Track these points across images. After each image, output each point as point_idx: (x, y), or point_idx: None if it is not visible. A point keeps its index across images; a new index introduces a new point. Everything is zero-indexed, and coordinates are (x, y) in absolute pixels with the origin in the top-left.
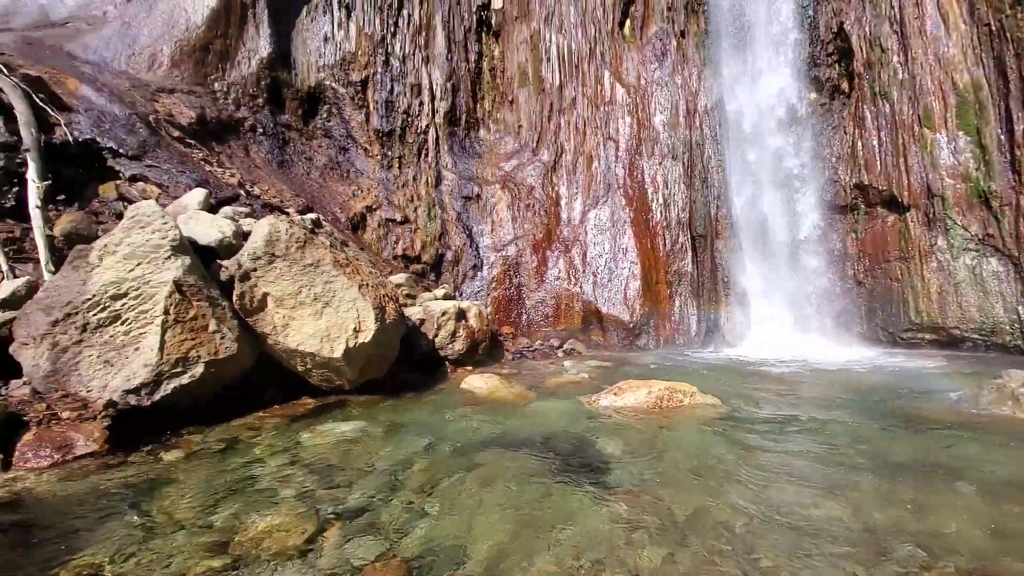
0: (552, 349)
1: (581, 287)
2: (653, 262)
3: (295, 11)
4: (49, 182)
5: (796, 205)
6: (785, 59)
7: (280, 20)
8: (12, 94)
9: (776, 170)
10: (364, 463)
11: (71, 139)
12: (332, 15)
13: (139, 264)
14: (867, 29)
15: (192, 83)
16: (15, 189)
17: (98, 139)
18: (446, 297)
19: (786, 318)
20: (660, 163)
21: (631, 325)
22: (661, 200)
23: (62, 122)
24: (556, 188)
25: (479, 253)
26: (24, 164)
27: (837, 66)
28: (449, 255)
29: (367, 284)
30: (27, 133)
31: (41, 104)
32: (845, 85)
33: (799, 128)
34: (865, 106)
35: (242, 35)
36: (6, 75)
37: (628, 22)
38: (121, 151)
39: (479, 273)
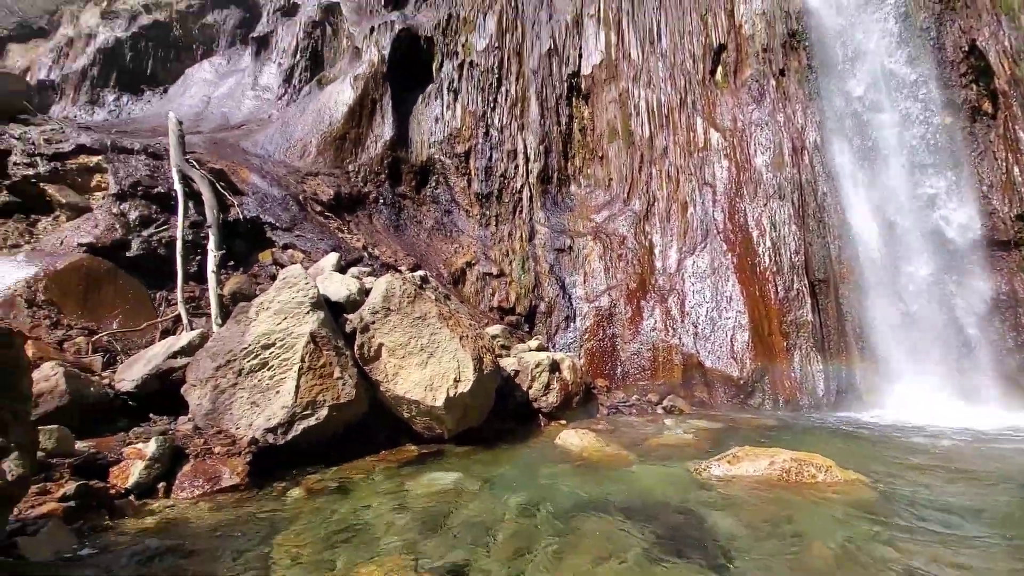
0: (650, 405)
1: (680, 338)
2: (764, 311)
3: (412, 100)
4: (223, 251)
5: (941, 242)
6: (908, 84)
7: (400, 108)
8: (201, 183)
9: (911, 204)
10: (462, 518)
11: (241, 217)
12: (442, 99)
13: (285, 318)
14: (1006, 44)
15: (332, 166)
16: (198, 258)
17: (261, 216)
18: (539, 348)
19: (938, 376)
20: (765, 205)
21: (741, 382)
22: (768, 243)
23: (236, 204)
24: (649, 237)
25: (571, 304)
26: (206, 238)
27: (974, 86)
28: (542, 306)
29: (467, 336)
30: (210, 213)
31: (221, 190)
32: (988, 106)
33: (935, 156)
34: (1017, 126)
35: (371, 124)
36: (197, 168)
37: (720, 68)
38: (277, 224)
39: (572, 324)
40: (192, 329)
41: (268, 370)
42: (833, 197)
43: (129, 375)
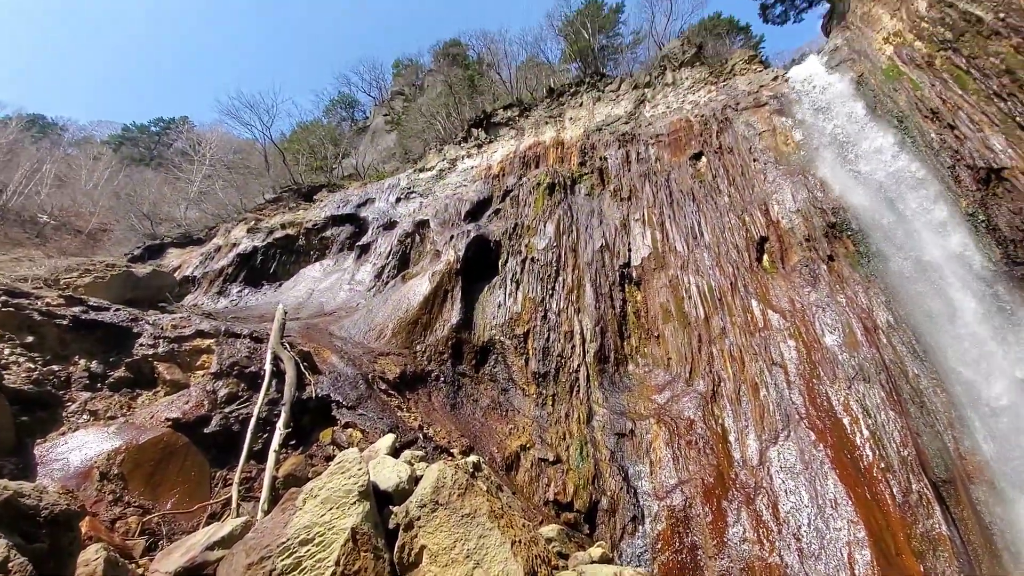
0: None
1: (781, 557)
2: (883, 521)
3: (479, 289)
4: (289, 429)
5: None
6: (971, 266)
7: (467, 297)
8: (288, 364)
9: (1018, 387)
10: None
11: (314, 395)
12: (506, 288)
13: (330, 509)
14: None
15: (402, 347)
16: (265, 435)
17: (331, 394)
18: (603, 559)
19: None
20: (848, 387)
21: None
22: (866, 433)
23: (313, 383)
24: (720, 421)
25: (638, 501)
26: (278, 415)
27: None
28: (604, 502)
29: (519, 540)
30: (288, 392)
31: (304, 370)
32: None
33: None
34: None
35: (441, 311)
36: (288, 350)
37: (766, 256)
38: (344, 403)
39: (640, 528)
40: (239, 515)
41: (300, 572)
42: (930, 380)
43: (163, 566)
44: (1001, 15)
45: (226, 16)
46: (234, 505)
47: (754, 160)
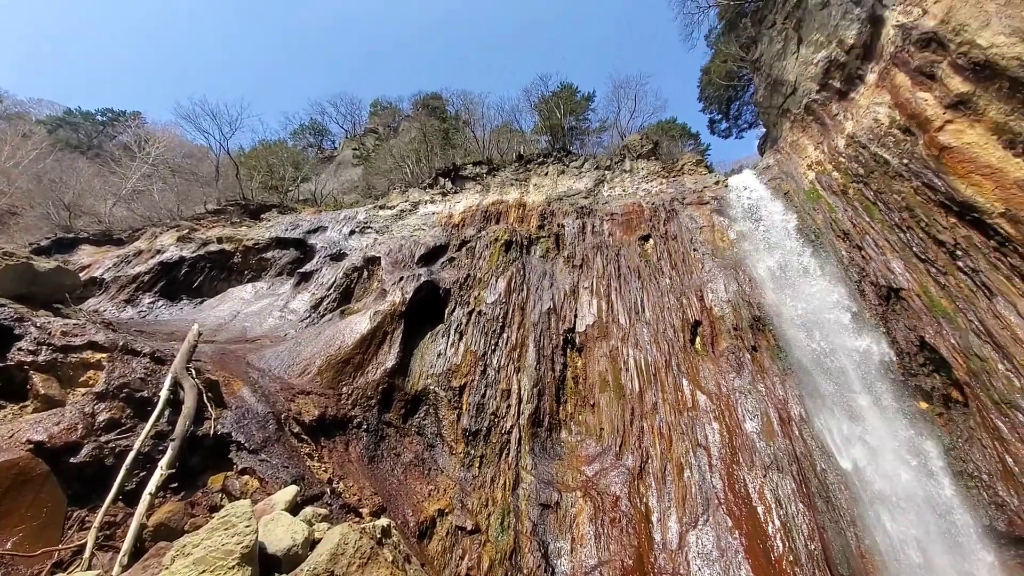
0: None
1: None
2: None
3: (421, 335)
4: (173, 471)
5: (958, 536)
6: (871, 372)
7: (407, 342)
8: (189, 393)
9: (912, 491)
10: None
11: (212, 432)
12: (448, 337)
13: (203, 572)
14: (952, 341)
15: (327, 387)
16: (142, 474)
17: (232, 433)
18: None
19: None
20: (764, 476)
21: None
22: (777, 523)
23: (214, 417)
24: (645, 500)
25: None
26: (163, 452)
27: (937, 375)
28: None
29: None
30: (182, 425)
31: (206, 402)
32: (956, 394)
33: (920, 442)
34: (992, 416)
35: (377, 353)
36: (192, 378)
37: (698, 339)
38: (245, 444)
39: None
40: (90, 567)
41: None
42: (836, 476)
43: None
44: (905, 161)
45: (208, 23)
46: (87, 554)
47: (694, 250)
